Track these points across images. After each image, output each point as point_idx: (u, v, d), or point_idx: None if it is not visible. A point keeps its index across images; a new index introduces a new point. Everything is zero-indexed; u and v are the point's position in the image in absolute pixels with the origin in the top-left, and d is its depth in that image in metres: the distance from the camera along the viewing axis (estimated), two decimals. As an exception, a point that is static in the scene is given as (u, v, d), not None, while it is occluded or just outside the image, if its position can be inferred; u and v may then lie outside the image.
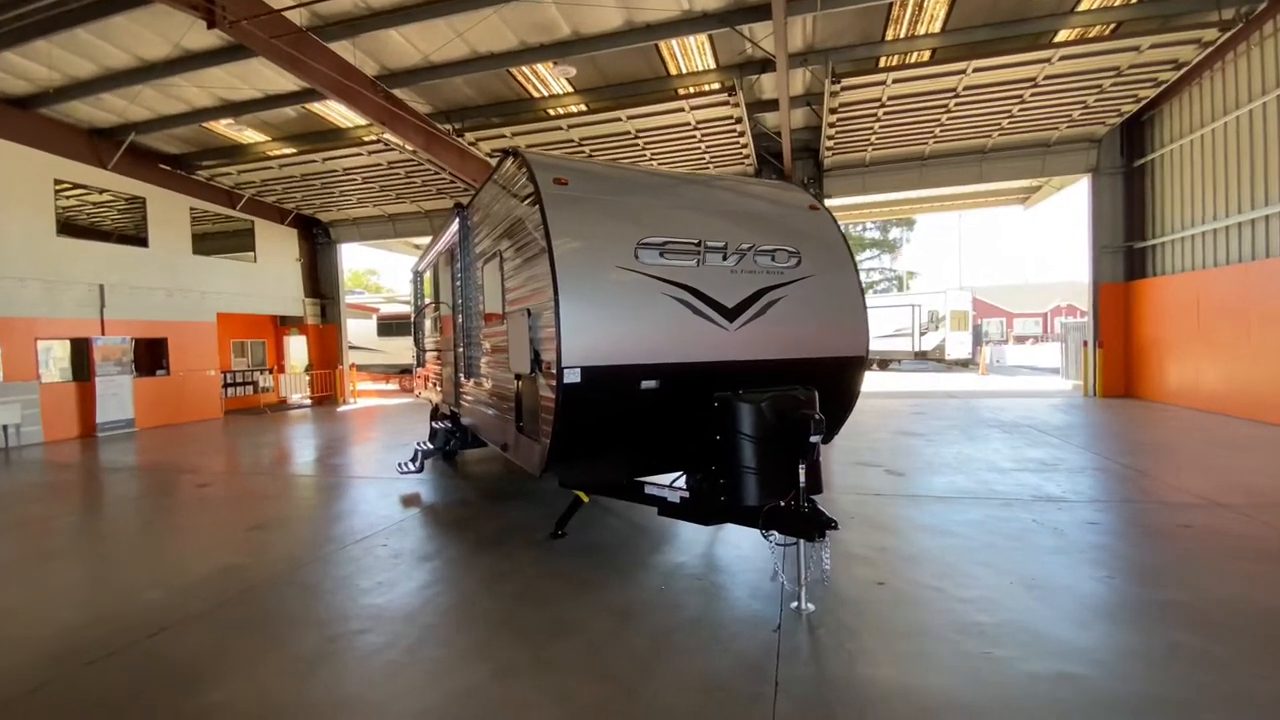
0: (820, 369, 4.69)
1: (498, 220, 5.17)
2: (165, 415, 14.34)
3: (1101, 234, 14.38)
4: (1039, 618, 3.59)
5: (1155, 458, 7.66)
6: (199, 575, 4.67)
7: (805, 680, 3.02)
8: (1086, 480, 6.77)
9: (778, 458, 3.78)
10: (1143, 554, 4.55)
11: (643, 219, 4.35)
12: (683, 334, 4.20)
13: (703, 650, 3.33)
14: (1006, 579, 4.16)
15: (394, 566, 4.72)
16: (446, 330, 7.81)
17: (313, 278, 19.56)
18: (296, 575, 4.59)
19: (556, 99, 12.76)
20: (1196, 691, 2.83)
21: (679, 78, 12.03)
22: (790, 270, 4.68)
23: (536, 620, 3.75)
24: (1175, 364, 12.42)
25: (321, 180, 15.54)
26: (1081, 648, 3.24)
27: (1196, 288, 11.73)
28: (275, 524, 6.05)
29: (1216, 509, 5.52)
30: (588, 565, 4.64)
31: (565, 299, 3.81)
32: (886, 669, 3.10)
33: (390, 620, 3.80)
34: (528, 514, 6.07)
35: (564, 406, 3.86)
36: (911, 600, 3.89)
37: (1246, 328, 10.25)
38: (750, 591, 4.08)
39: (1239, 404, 10.38)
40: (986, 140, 14.10)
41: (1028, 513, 5.64)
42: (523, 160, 4.42)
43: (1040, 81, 11.12)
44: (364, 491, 7.21)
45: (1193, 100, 11.83)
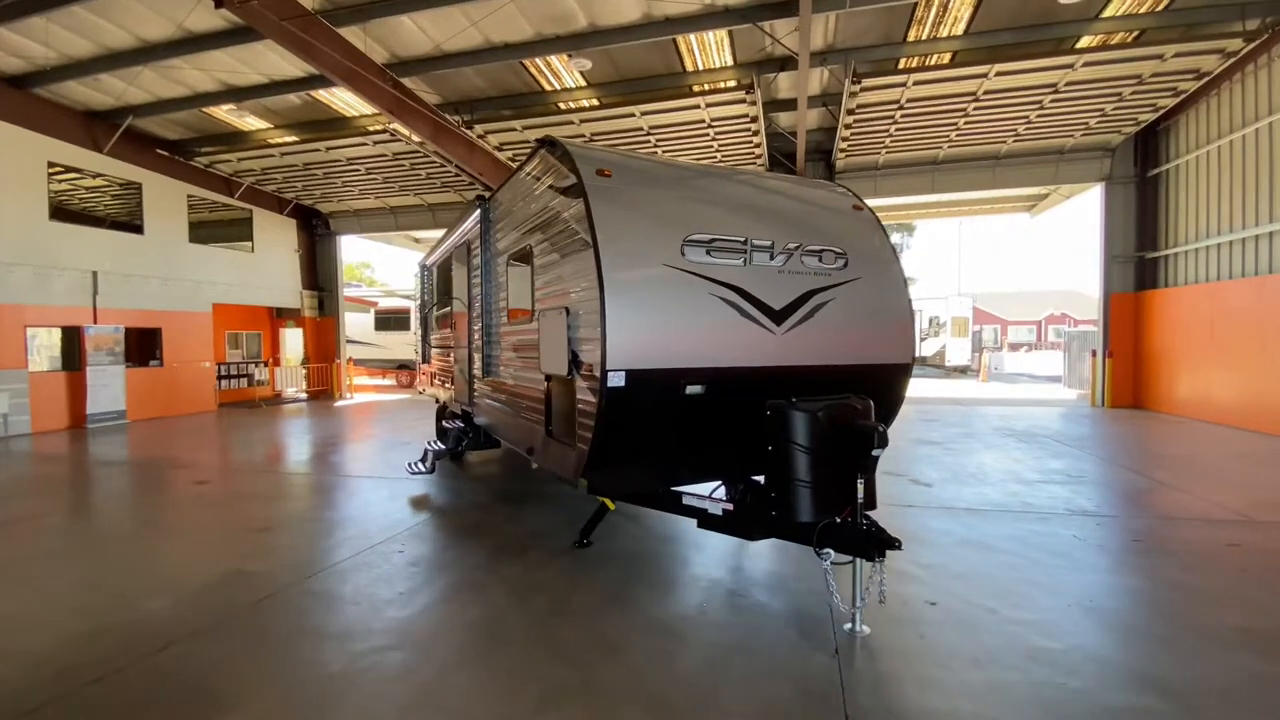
0: (867, 376, 4.49)
1: (529, 213, 4.92)
2: (157, 408, 13.96)
3: (1113, 243, 14.31)
4: (1105, 644, 3.41)
5: (1181, 471, 7.52)
6: (205, 581, 4.40)
7: (876, 713, 2.81)
8: (1117, 494, 6.62)
9: (833, 471, 3.56)
10: (1195, 576, 4.37)
11: (688, 214, 4.13)
12: (730, 337, 3.98)
13: (761, 677, 3.11)
14: (1062, 600, 3.98)
15: (413, 575, 4.48)
16: (460, 327, 7.55)
17: (311, 269, 19.19)
18: (311, 583, 4.33)
19: (569, 93, 12.51)
20: (1299, 732, 2.65)
21: (695, 74, 11.81)
22: (838, 272, 4.47)
23: (576, 638, 3.52)
24: (1186, 376, 12.35)
25: (324, 170, 15.20)
26: (1156, 677, 3.06)
27: (1210, 299, 11.65)
28: (282, 526, 5.78)
29: (1258, 526, 5.38)
30: (620, 578, 4.41)
31: (611, 297, 3.58)
32: (962, 702, 2.89)
33: (417, 635, 3.56)
34: (546, 520, 5.83)
35: (606, 411, 3.63)
36: (969, 623, 3.69)
37: (1262, 341, 10.17)
38: (797, 611, 3.87)
39: (1253, 417, 10.30)
40: (1001, 146, 13.99)
41: (1066, 528, 5.47)
42: (563, 150, 4.18)
43: (1062, 88, 11.01)
44: (372, 493, 6.94)
45: (1210, 111, 11.75)
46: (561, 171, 4.19)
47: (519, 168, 5.21)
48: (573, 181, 3.97)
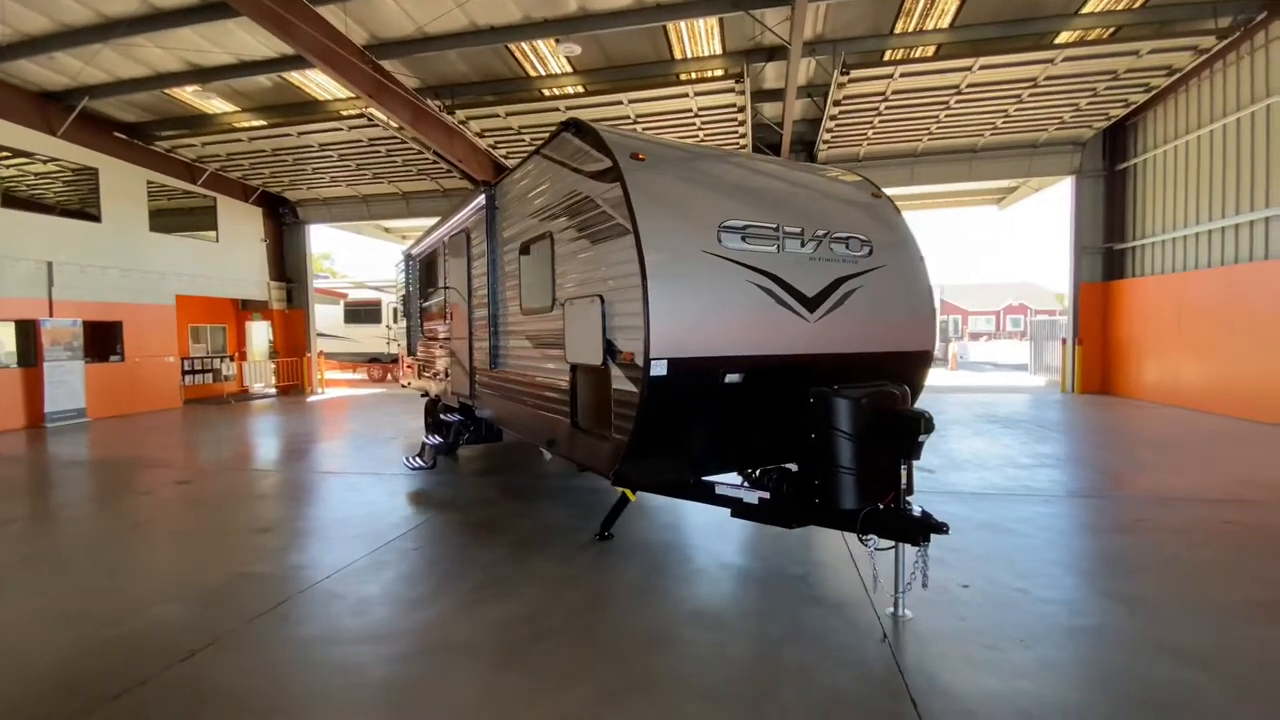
0: (894, 363, 4.52)
1: (547, 199, 4.78)
2: (120, 405, 13.28)
3: (1082, 235, 14.79)
4: (1134, 621, 3.49)
5: (1162, 453, 7.82)
6: (214, 585, 4.17)
7: (940, 695, 2.81)
8: (1109, 476, 6.84)
9: (877, 457, 3.56)
10: (1203, 552, 4.53)
11: (722, 199, 4.06)
12: (766, 324, 3.93)
13: (817, 665, 3.09)
14: (1084, 579, 4.09)
15: (435, 573, 4.33)
16: (458, 318, 7.34)
17: (278, 260, 18.49)
18: (330, 585, 4.14)
19: (554, 79, 12.26)
20: (1342, 700, 2.75)
21: (683, 62, 11.71)
22: (864, 260, 4.47)
23: (618, 633, 3.44)
24: (1153, 362, 12.87)
25: (294, 156, 14.61)
26: (1192, 651, 3.14)
27: (1178, 289, 12.14)
28: (283, 526, 5.54)
29: (1248, 504, 5.61)
30: (649, 569, 4.35)
31: (654, 284, 3.49)
32: (1020, 682, 2.92)
33: (454, 636, 3.43)
34: (560, 514, 5.73)
35: (648, 401, 3.55)
36: (1004, 604, 3.74)
37: (1229, 328, 10.65)
38: (834, 598, 3.87)
39: (1219, 401, 10.79)
40: (978, 139, 14.29)
41: (1072, 509, 5.63)
42: (593, 133, 4.06)
43: (1041, 82, 11.27)
44: (369, 490, 6.71)
45: (1178, 107, 12.20)
46: (591, 155, 4.07)
47: (534, 152, 5.05)
48: (606, 165, 3.85)
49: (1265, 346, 9.80)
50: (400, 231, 24.79)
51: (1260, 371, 9.89)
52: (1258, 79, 10.17)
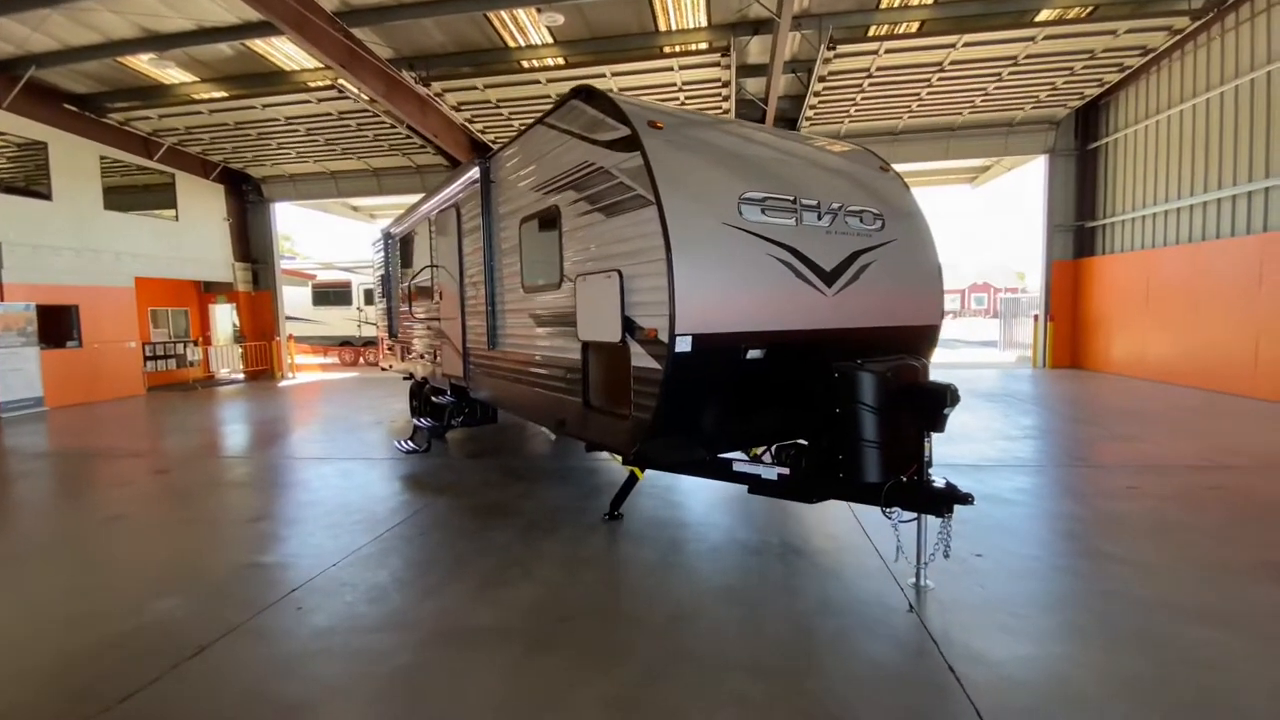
0: (905, 337, 4.52)
1: (554, 170, 4.61)
2: (79, 393, 12.65)
3: (1055, 213, 15.11)
4: (1147, 584, 3.60)
5: (1138, 424, 8.09)
6: (216, 577, 3.99)
7: (977, 662, 2.84)
8: (1095, 447, 7.04)
9: (900, 431, 3.56)
10: (1196, 517, 4.68)
11: (740, 170, 3.96)
12: (786, 299, 3.88)
13: (851, 637, 3.10)
14: (1090, 545, 4.19)
15: (447, 557, 4.22)
16: (449, 296, 7.12)
17: (242, 239, 17.73)
18: (338, 573, 4.00)
19: (534, 50, 11.89)
20: (1353, 653, 2.87)
21: (667, 34, 11.47)
22: (877, 233, 4.44)
23: (647, 611, 3.40)
24: (1122, 337, 13.30)
25: (258, 130, 13.94)
26: (1211, 610, 3.25)
27: (1146, 265, 12.52)
28: (277, 514, 5.34)
29: (1228, 470, 5.84)
30: (663, 548, 4.31)
31: (679, 258, 3.39)
32: (1053, 645, 2.98)
33: (479, 620, 3.35)
34: (564, 495, 5.65)
35: (672, 378, 3.47)
36: (1019, 571, 3.82)
37: (1195, 303, 11.04)
38: (855, 570, 3.90)
39: (1185, 373, 11.22)
40: (957, 118, 14.40)
41: (1065, 478, 5.78)
42: (607, 100, 3.90)
43: (1021, 60, 11.37)
44: (362, 475, 6.52)
45: (1149, 87, 12.47)
46: (605, 123, 3.92)
47: (537, 121, 4.87)
48: (624, 134, 3.71)
49: (1229, 321, 10.19)
50: (369, 210, 24.04)
51: (1224, 345, 10.29)
52: (1227, 61, 10.43)
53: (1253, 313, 9.71)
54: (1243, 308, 9.93)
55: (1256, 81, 9.78)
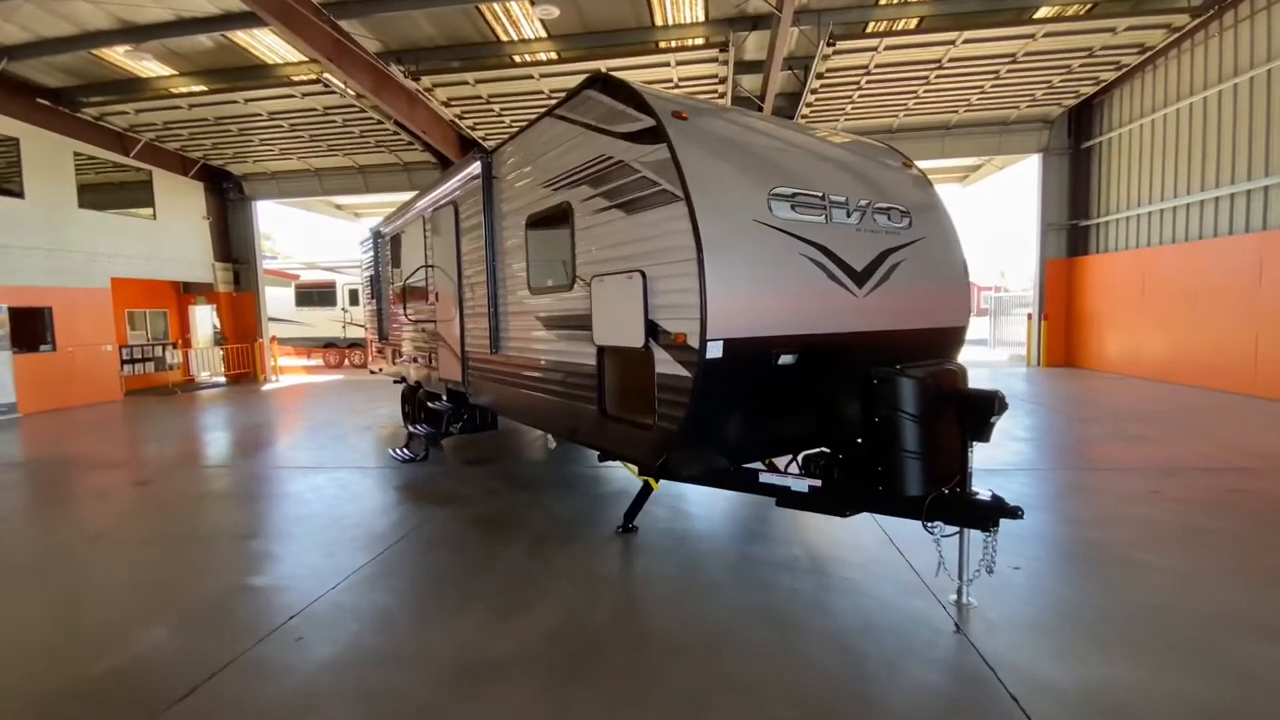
0: (934, 340, 4.35)
1: (564, 165, 4.37)
2: (54, 398, 12.14)
3: (1049, 212, 15.11)
4: (1188, 595, 3.45)
5: (1149, 424, 8.02)
6: (206, 603, 3.70)
7: (1041, 691, 2.65)
8: (1105, 448, 6.94)
9: (942, 441, 3.37)
10: (1221, 522, 4.55)
11: (767, 165, 3.75)
12: (818, 300, 3.68)
13: (901, 663, 2.90)
14: (1127, 553, 4.03)
15: (454, 577, 3.97)
16: (446, 298, 6.84)
17: (223, 238, 17.22)
18: (337, 597, 3.73)
19: (526, 44, 11.59)
20: None
21: (664, 29, 11.24)
22: (905, 231, 4.25)
23: (681, 635, 3.18)
24: (1117, 335, 13.31)
25: (239, 125, 13.49)
26: (1256, 621, 3.11)
27: (1142, 264, 12.53)
28: (268, 530, 5.03)
29: (1246, 474, 5.73)
30: (685, 563, 4.09)
31: (711, 257, 3.17)
32: (1115, 668, 2.80)
33: (500, 651, 3.10)
34: (571, 503, 5.42)
35: (702, 387, 3.25)
36: (1062, 584, 3.67)
37: (1193, 302, 11.05)
38: (893, 586, 3.71)
39: (1182, 372, 11.23)
40: (953, 115, 14.34)
41: (1086, 482, 5.66)
42: (628, 89, 3.67)
43: (1020, 58, 11.29)
44: (356, 486, 6.23)
45: (1144, 86, 12.47)
46: (625, 114, 3.69)
47: (546, 113, 4.61)
48: (647, 125, 3.48)
49: (1228, 320, 10.19)
50: (354, 208, 23.56)
51: (1223, 343, 10.30)
52: (1225, 59, 10.43)
53: (1252, 311, 9.71)
54: (1242, 306, 9.93)
55: (1257, 79, 9.78)
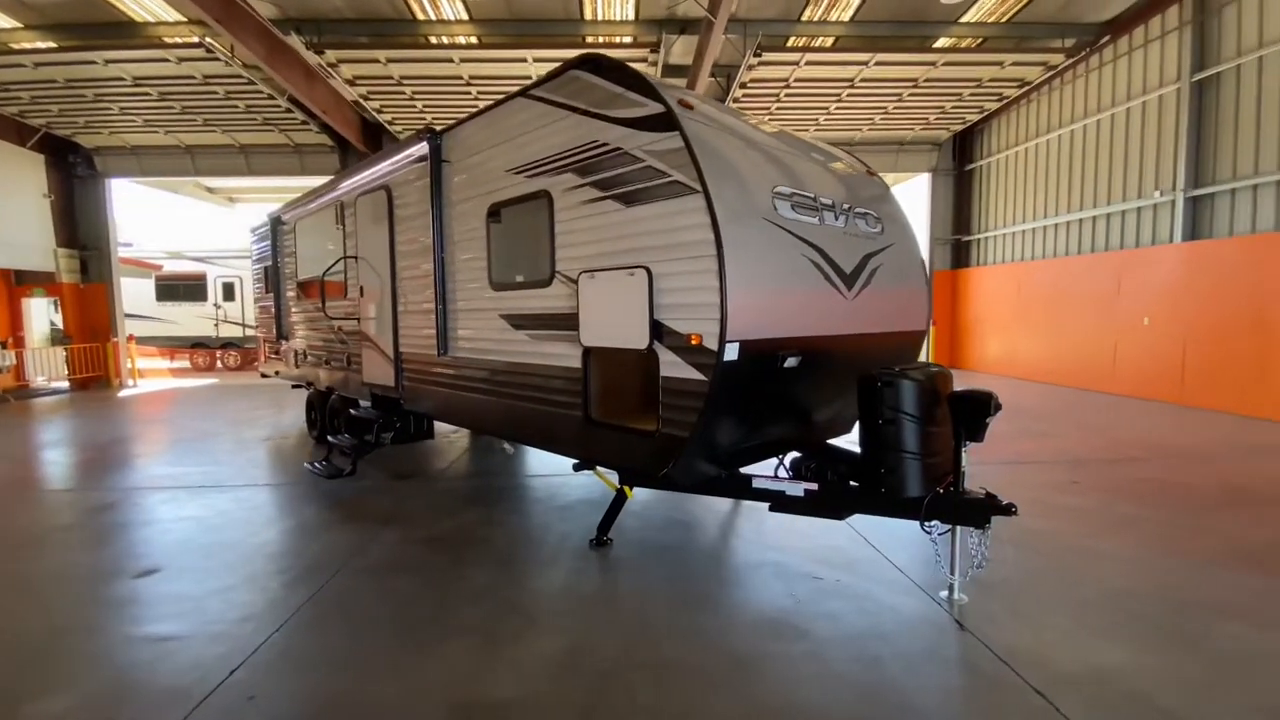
0: (901, 342, 4.48)
1: (541, 150, 4.03)
2: None
3: (936, 227, 16.47)
4: (1148, 579, 3.75)
5: (1042, 421, 8.87)
6: (116, 659, 3.00)
7: (1055, 681, 2.73)
8: (1017, 443, 7.57)
9: (938, 442, 3.43)
10: (1147, 509, 5.02)
11: (768, 163, 3.66)
12: (816, 301, 3.64)
13: (918, 664, 2.89)
14: (1077, 542, 4.35)
15: (423, 608, 3.51)
16: (372, 294, 6.18)
17: (68, 221, 14.72)
18: (285, 641, 3.17)
19: (445, 25, 10.90)
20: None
21: (593, 24, 11.01)
22: (880, 237, 4.34)
23: (698, 658, 2.98)
24: (995, 340, 14.74)
25: (95, 90, 11.60)
26: (1215, 602, 3.42)
27: (1018, 276, 13.96)
28: (173, 564, 4.22)
29: (1147, 463, 6.44)
30: (675, 576, 3.91)
31: (730, 254, 3.01)
32: (1116, 654, 2.94)
33: (501, 692, 2.75)
34: (531, 516, 5.07)
35: (719, 391, 3.08)
36: (1032, 575, 3.85)
37: (1062, 311, 12.45)
38: (886, 587, 3.73)
39: (1054, 372, 12.62)
40: (857, 133, 15.24)
41: (1010, 474, 6.09)
42: (629, 73, 3.43)
43: (921, 83, 12.20)
44: (270, 507, 5.47)
45: (1021, 117, 13.93)
46: (625, 98, 3.44)
47: (519, 93, 4.24)
48: (655, 111, 3.26)
49: (1092, 327, 11.58)
50: (229, 192, 21.21)
51: (1087, 348, 11.68)
52: (1091, 97, 11.86)
53: (1112, 320, 11.09)
54: (1103, 315, 11.31)
55: (1117, 116, 11.20)
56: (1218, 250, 9.39)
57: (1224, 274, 9.20)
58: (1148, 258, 10.53)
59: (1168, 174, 10.28)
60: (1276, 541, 4.32)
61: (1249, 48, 9.01)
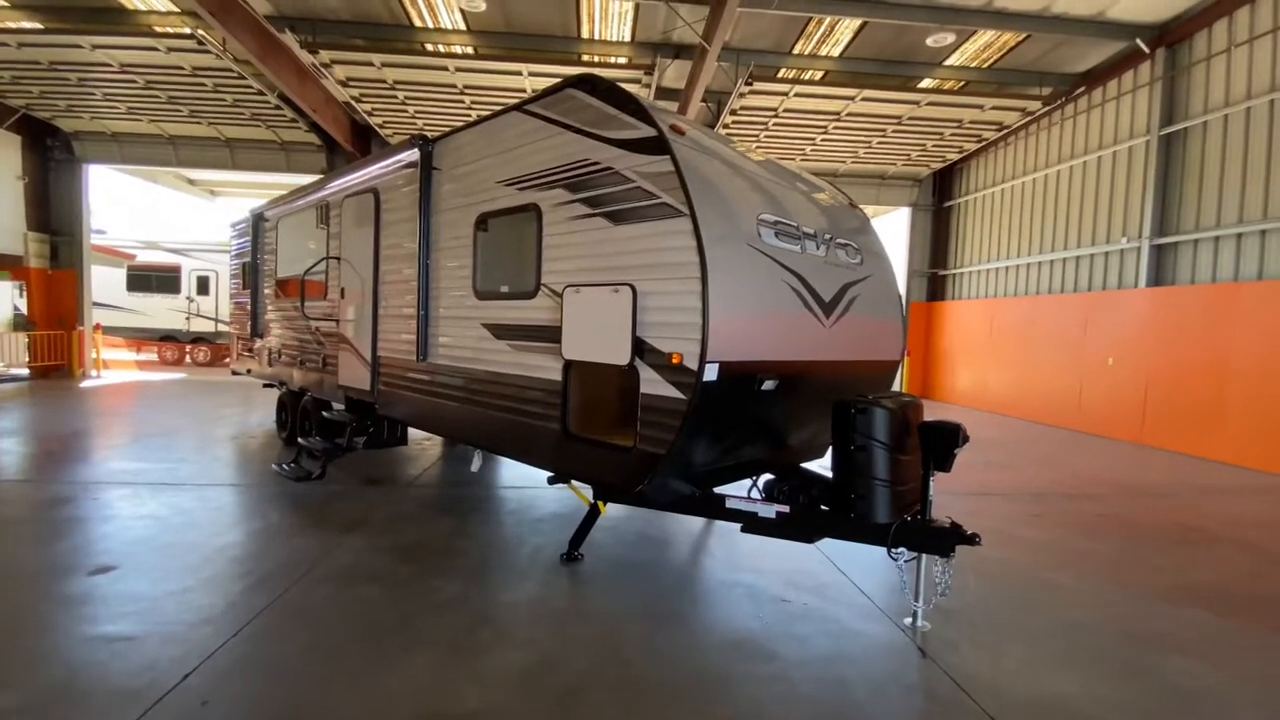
0: (876, 371, 4.58)
1: (532, 164, 4.08)
2: None
3: (914, 260, 16.88)
4: (1108, 611, 3.86)
5: (1007, 453, 9.08)
6: (65, 659, 2.91)
7: (1009, 708, 2.79)
8: (981, 475, 7.74)
9: (908, 470, 3.52)
10: (1100, 544, 5.19)
11: (754, 191, 3.76)
12: (795, 327, 3.72)
13: (883, 690, 2.94)
14: (1035, 573, 4.46)
15: (388, 617, 3.47)
16: (353, 295, 6.14)
17: (40, 205, 14.36)
18: (243, 647, 3.10)
19: (442, 33, 10.98)
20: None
21: (589, 43, 11.18)
22: (859, 268, 4.46)
23: (666, 676, 2.99)
24: (967, 372, 15.08)
25: (80, 74, 11.42)
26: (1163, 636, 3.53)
27: (990, 312, 14.35)
28: (130, 563, 4.10)
29: (1099, 499, 6.64)
30: (648, 593, 3.92)
31: (715, 277, 3.07)
32: (1069, 685, 3.02)
33: (468, 701, 2.72)
34: (499, 528, 5.05)
35: (697, 410, 3.13)
36: (991, 605, 3.93)
37: (1030, 347, 12.81)
38: (850, 611, 3.78)
39: (1021, 407, 12.94)
40: (841, 165, 15.61)
41: (973, 505, 6.22)
42: (624, 96, 3.51)
43: (904, 121, 12.58)
44: (233, 506, 5.36)
45: (998, 159, 14.41)
46: (619, 120, 3.51)
47: (515, 107, 4.29)
48: (648, 134, 3.34)
49: (1059, 364, 11.93)
50: (210, 185, 20.89)
51: (1053, 384, 12.02)
52: (1065, 144, 12.34)
53: (1078, 359, 11.44)
54: (1070, 353, 11.66)
55: (1089, 164, 11.66)
56: (1179, 297, 9.78)
57: (1184, 320, 9.57)
58: (1113, 301, 10.92)
59: (1135, 222, 10.71)
60: (1224, 581, 4.48)
61: (1215, 105, 9.49)
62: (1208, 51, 9.61)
